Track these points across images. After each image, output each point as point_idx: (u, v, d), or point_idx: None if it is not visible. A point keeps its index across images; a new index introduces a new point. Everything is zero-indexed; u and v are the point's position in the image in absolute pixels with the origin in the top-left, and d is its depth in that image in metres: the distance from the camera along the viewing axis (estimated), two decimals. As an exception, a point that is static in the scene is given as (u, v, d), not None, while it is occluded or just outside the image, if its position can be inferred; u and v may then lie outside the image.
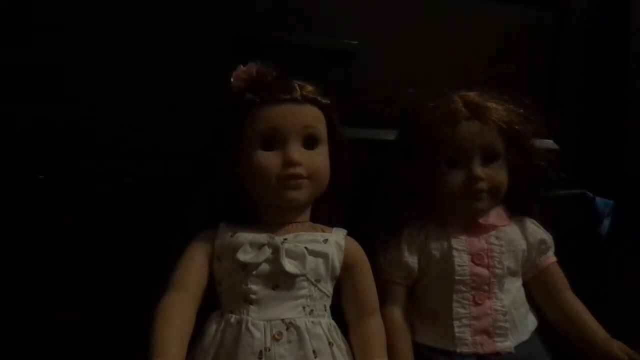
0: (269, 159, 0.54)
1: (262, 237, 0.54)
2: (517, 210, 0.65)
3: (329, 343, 0.52)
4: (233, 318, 0.52)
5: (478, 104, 0.61)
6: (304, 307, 0.53)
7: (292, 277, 0.53)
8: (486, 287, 0.60)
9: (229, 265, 0.54)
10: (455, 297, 0.59)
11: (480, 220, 0.62)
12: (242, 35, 0.66)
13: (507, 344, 0.58)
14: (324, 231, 0.57)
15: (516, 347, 0.59)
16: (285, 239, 0.54)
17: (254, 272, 0.52)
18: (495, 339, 0.58)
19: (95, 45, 0.62)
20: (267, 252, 0.53)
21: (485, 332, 0.58)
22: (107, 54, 0.63)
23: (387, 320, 0.58)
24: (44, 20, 0.61)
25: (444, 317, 0.59)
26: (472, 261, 0.60)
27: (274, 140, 0.55)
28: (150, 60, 0.64)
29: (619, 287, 0.74)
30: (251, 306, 0.52)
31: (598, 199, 0.71)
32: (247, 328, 0.50)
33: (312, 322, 0.52)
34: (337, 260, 0.55)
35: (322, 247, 0.55)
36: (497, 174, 0.61)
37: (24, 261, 0.61)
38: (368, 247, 0.59)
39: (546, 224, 0.65)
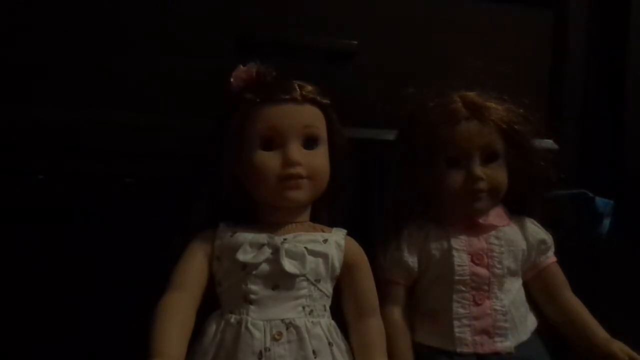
0: (269, 159, 0.54)
1: (262, 237, 0.54)
2: (517, 210, 0.65)
3: (329, 343, 0.52)
4: (233, 318, 0.52)
5: (478, 104, 0.61)
6: (303, 307, 0.53)
7: (292, 277, 0.53)
8: (486, 287, 0.60)
9: (229, 265, 0.54)
10: (455, 297, 0.59)
11: (480, 220, 0.62)
12: (242, 35, 0.66)
13: (507, 344, 0.58)
14: (323, 231, 0.57)
15: (516, 347, 0.59)
16: (285, 239, 0.54)
17: (254, 272, 0.52)
18: (495, 339, 0.58)
19: (96, 45, 0.62)
20: (267, 252, 0.53)
21: (485, 332, 0.58)
22: (107, 53, 0.63)
23: (387, 321, 0.58)
24: (44, 20, 0.61)
25: (444, 317, 0.59)
26: (472, 261, 0.60)
27: (274, 140, 0.55)
28: (150, 60, 0.64)
29: (619, 287, 0.74)
30: (251, 306, 0.52)
31: (598, 199, 0.71)
32: (246, 328, 0.50)
33: (312, 322, 0.52)
34: (337, 260, 0.55)
35: (321, 247, 0.55)
36: (497, 174, 0.61)
37: (24, 261, 0.61)
38: (368, 247, 0.59)
39: (546, 224, 0.65)
